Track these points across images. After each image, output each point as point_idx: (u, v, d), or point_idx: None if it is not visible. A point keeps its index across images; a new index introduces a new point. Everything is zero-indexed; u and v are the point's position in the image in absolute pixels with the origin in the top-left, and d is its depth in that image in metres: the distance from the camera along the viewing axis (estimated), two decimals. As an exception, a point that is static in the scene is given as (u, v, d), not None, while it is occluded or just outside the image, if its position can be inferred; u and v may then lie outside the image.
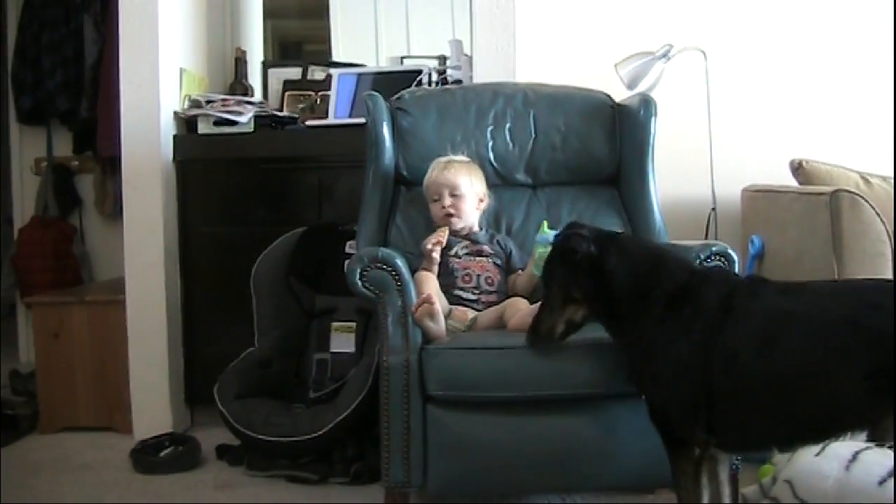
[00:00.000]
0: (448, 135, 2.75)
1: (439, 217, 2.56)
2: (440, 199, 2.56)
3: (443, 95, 2.84)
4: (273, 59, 3.91)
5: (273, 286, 3.00)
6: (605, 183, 2.80)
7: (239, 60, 3.71)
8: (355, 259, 2.30)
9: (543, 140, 2.78)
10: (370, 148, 2.67)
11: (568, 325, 2.08)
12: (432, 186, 2.58)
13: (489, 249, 2.55)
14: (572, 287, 2.05)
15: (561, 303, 2.07)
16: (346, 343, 2.93)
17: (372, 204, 2.66)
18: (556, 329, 2.08)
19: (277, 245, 3.04)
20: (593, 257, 2.04)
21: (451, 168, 2.59)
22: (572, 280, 2.05)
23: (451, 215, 2.54)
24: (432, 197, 2.57)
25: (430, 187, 2.58)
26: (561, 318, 2.08)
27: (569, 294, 2.06)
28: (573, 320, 2.08)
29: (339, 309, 2.97)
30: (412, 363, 2.22)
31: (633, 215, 2.73)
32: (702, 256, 2.32)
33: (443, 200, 2.56)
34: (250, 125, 3.23)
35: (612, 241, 2.08)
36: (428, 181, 2.59)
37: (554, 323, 2.08)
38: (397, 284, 2.27)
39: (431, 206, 2.59)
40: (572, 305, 2.07)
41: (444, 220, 2.55)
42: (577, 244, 2.05)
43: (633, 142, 2.73)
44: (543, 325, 2.09)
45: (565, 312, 2.07)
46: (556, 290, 2.07)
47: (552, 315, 2.08)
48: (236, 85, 3.66)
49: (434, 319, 2.26)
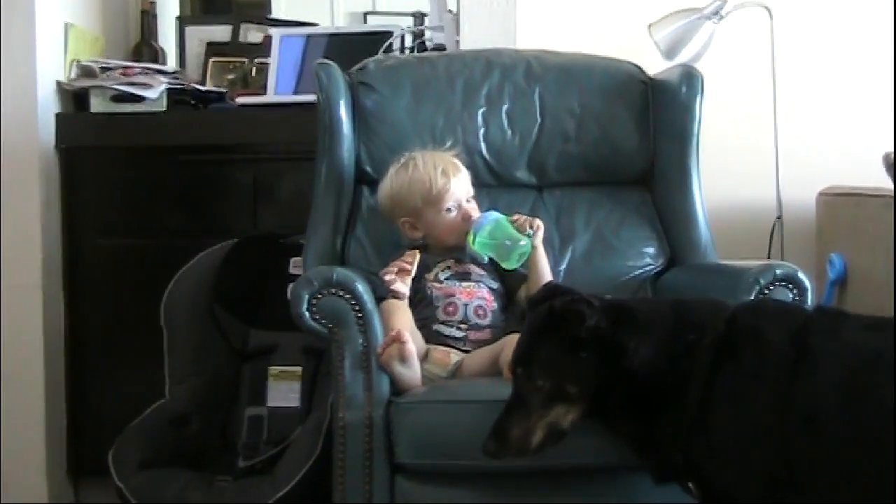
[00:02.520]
0: (426, 119, 2.79)
1: (455, 227, 2.58)
2: (457, 210, 2.59)
3: (420, 66, 2.88)
4: (192, 13, 3.96)
5: (191, 318, 3.02)
6: (633, 183, 2.85)
7: (146, 15, 3.73)
8: (302, 282, 2.34)
9: (552, 126, 2.83)
10: (323, 135, 2.71)
11: (549, 433, 2.01)
12: (446, 196, 2.57)
13: (479, 270, 2.59)
14: (568, 378, 2.01)
15: (545, 400, 2.00)
16: (288, 394, 2.94)
17: (325, 210, 2.70)
18: (531, 438, 2.01)
19: (198, 263, 3.05)
20: (603, 336, 2.00)
21: (461, 170, 2.62)
22: (569, 368, 2.01)
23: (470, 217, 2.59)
24: (445, 207, 2.59)
25: (441, 195, 2.58)
26: (541, 421, 2.01)
27: (561, 389, 2.00)
28: (558, 426, 2.01)
29: (279, 348, 2.98)
30: (377, 421, 2.24)
31: (670, 226, 2.78)
32: (762, 282, 2.35)
33: (462, 208, 2.59)
34: (161, 102, 3.26)
35: (625, 312, 2.06)
36: (439, 188, 2.57)
37: (530, 429, 2.01)
38: (358, 317, 2.31)
39: (438, 217, 2.58)
40: (561, 406, 2.01)
41: (464, 227, 2.56)
42: (583, 313, 1.99)
43: (672, 129, 2.79)
44: (514, 432, 2.01)
45: (549, 415, 2.01)
46: (542, 382, 2.01)
47: (530, 417, 2.01)
48: (143, 47, 3.70)
49: (406, 363, 2.29)
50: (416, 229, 2.61)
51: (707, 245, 2.76)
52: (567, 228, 2.76)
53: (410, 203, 2.59)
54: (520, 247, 2.50)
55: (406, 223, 2.62)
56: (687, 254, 2.78)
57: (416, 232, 2.61)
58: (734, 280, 2.40)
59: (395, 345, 2.28)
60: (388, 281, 2.46)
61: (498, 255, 2.51)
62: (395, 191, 2.62)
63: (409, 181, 2.60)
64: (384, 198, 2.66)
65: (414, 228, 2.61)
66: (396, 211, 2.63)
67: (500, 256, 2.51)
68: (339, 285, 2.32)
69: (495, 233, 2.51)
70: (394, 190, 2.62)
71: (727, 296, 2.21)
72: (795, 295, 2.36)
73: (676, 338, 2.02)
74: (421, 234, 2.61)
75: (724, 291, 2.30)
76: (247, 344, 3.04)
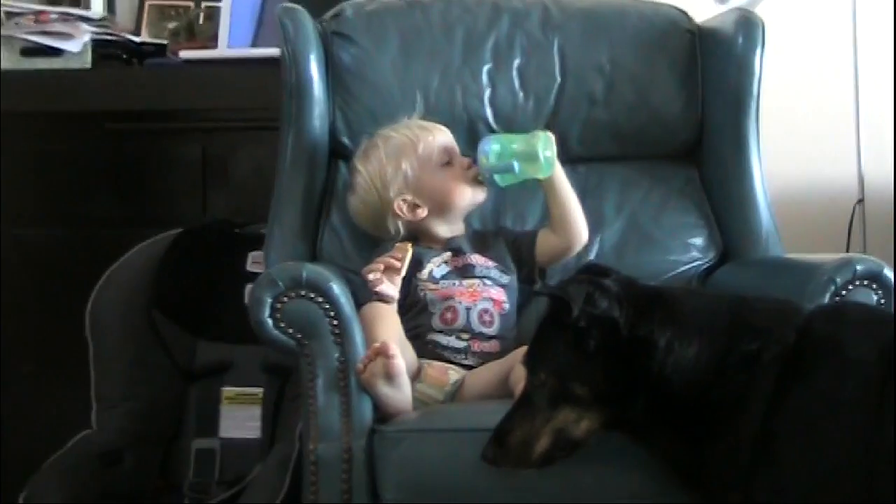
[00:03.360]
0: (417, 78, 2.79)
1: (462, 178, 2.63)
2: (455, 161, 2.65)
3: (410, 13, 2.87)
4: (124, -56, 3.96)
5: (124, 327, 3.01)
6: (677, 158, 2.86)
7: (66, -54, 3.74)
8: (264, 282, 2.32)
9: (576, 87, 2.83)
10: (289, 99, 2.71)
11: (557, 441, 2.03)
12: (435, 146, 2.64)
13: (484, 262, 2.61)
14: (572, 376, 2.02)
15: (550, 400, 2.03)
16: (245, 422, 2.94)
17: (291, 192, 2.70)
18: (535, 444, 2.03)
19: (132, 259, 3.05)
20: (617, 328, 1.99)
21: (439, 126, 2.68)
22: (573, 364, 2.02)
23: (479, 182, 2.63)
24: (439, 160, 2.64)
25: (430, 148, 2.63)
26: (547, 426, 2.03)
27: (566, 388, 2.02)
28: (568, 434, 2.03)
29: (235, 365, 2.99)
30: (357, 455, 2.23)
31: (723, 211, 2.79)
32: (838, 282, 2.34)
33: (460, 159, 2.65)
34: (85, 57, 3.25)
35: (659, 302, 2.05)
36: (426, 142, 2.63)
37: (533, 434, 2.03)
38: (333, 325, 2.30)
39: (436, 176, 2.62)
40: (568, 409, 2.02)
41: (472, 177, 2.61)
42: (568, 300, 1.98)
43: (726, 89, 2.79)
44: (515, 436, 2.05)
45: (555, 418, 2.03)
46: (545, 377, 2.04)
47: (533, 420, 2.04)
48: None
49: (394, 383, 2.27)
50: (417, 206, 2.63)
51: (769, 235, 2.76)
52: (594, 215, 2.74)
53: (398, 177, 2.62)
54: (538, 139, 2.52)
55: (404, 203, 2.62)
56: (744, 246, 2.78)
57: (420, 210, 2.63)
58: (804, 279, 2.39)
59: (380, 360, 2.26)
60: (372, 282, 2.45)
61: (524, 168, 2.52)
62: (374, 173, 2.64)
63: (386, 155, 2.63)
64: (365, 193, 2.65)
65: (415, 206, 2.63)
66: (386, 197, 2.63)
67: (527, 167, 2.52)
68: (310, 286, 2.31)
69: (504, 150, 2.53)
70: (371, 174, 2.64)
71: (794, 297, 2.18)
72: (881, 297, 2.35)
73: (730, 345, 2.00)
74: (426, 209, 2.62)
75: (791, 293, 2.26)
76: (194, 360, 3.04)
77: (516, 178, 2.56)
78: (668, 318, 2.01)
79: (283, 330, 2.31)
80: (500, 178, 2.57)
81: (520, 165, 2.52)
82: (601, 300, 1.99)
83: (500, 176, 2.56)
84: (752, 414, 1.96)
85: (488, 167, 2.55)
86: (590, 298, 1.98)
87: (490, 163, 2.54)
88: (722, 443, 1.99)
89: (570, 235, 2.63)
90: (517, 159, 2.52)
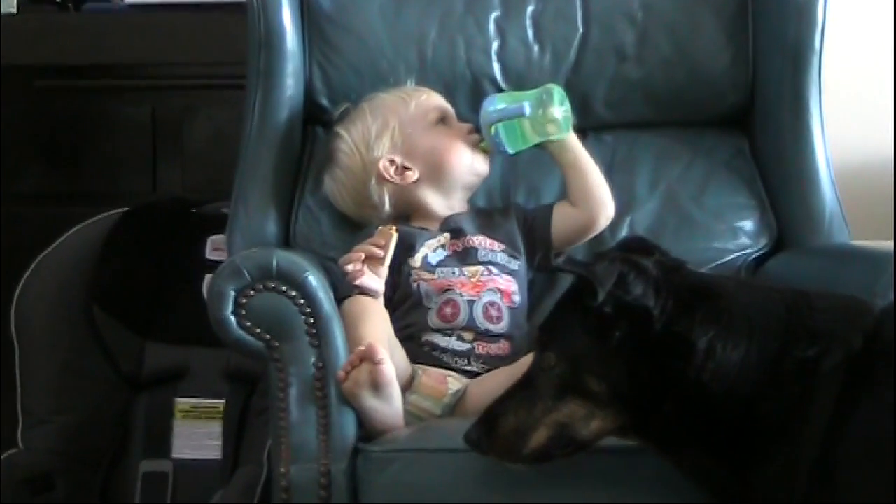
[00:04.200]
0: (411, 28, 2.83)
1: (460, 139, 2.70)
2: (451, 123, 2.72)
3: (402, -50, 2.90)
4: None
5: (57, 326, 3.04)
6: (723, 125, 2.89)
7: None
8: (226, 272, 2.34)
9: (601, 39, 2.86)
10: (256, 52, 2.73)
11: (557, 437, 2.03)
12: (429, 104, 2.72)
13: (489, 245, 2.64)
14: (588, 367, 2.03)
15: (557, 389, 2.03)
16: (203, 440, 2.97)
17: (259, 164, 2.73)
18: (530, 436, 2.03)
19: (67, 244, 3.08)
20: (650, 318, 1.98)
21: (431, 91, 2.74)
22: (591, 353, 2.03)
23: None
24: (432, 117, 2.72)
25: (423, 105, 2.71)
26: (546, 418, 2.03)
27: (578, 380, 2.02)
28: (571, 431, 2.03)
29: (190, 372, 3.02)
30: (337, 479, 2.24)
31: (778, 189, 2.82)
32: (912, 273, 2.37)
33: (456, 123, 2.72)
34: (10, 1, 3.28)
35: (705, 294, 2.04)
36: (418, 100, 2.72)
37: (530, 424, 2.03)
38: (309, 323, 2.32)
39: (429, 134, 2.70)
40: (578, 403, 2.02)
41: (471, 141, 2.68)
42: (594, 284, 1.96)
43: (783, 43, 2.81)
44: (507, 422, 2.05)
45: (559, 410, 2.03)
46: (555, 361, 2.05)
47: (532, 408, 2.04)
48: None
49: (381, 393, 2.28)
50: (407, 168, 2.68)
51: (833, 218, 2.78)
52: (623, 192, 2.77)
53: (385, 137, 2.69)
54: (552, 93, 2.58)
55: (391, 165, 2.68)
56: (803, 231, 2.81)
57: (409, 172, 2.68)
58: (874, 271, 2.41)
59: (365, 366, 2.27)
60: (350, 274, 2.48)
61: (537, 127, 2.57)
62: (358, 135, 2.70)
63: (372, 114, 2.71)
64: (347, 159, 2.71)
65: (404, 169, 2.68)
66: (370, 159, 2.68)
67: (541, 126, 2.57)
68: (282, 277, 2.33)
69: (508, 108, 2.58)
70: (355, 138, 2.70)
71: (862, 293, 2.17)
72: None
73: (784, 350, 2.00)
74: (417, 172, 2.68)
75: (859, 288, 2.26)
76: (141, 365, 3.07)
77: (527, 141, 2.59)
78: (712, 314, 2.00)
79: (248, 329, 2.32)
80: (510, 143, 2.59)
81: (532, 114, 2.56)
82: (635, 285, 1.98)
83: (509, 140, 2.59)
84: (809, 434, 1.96)
85: (495, 116, 2.58)
86: (622, 281, 1.97)
87: (496, 113, 2.58)
88: (772, 467, 2.00)
89: (593, 205, 2.65)
90: (530, 108, 2.57)
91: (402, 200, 2.69)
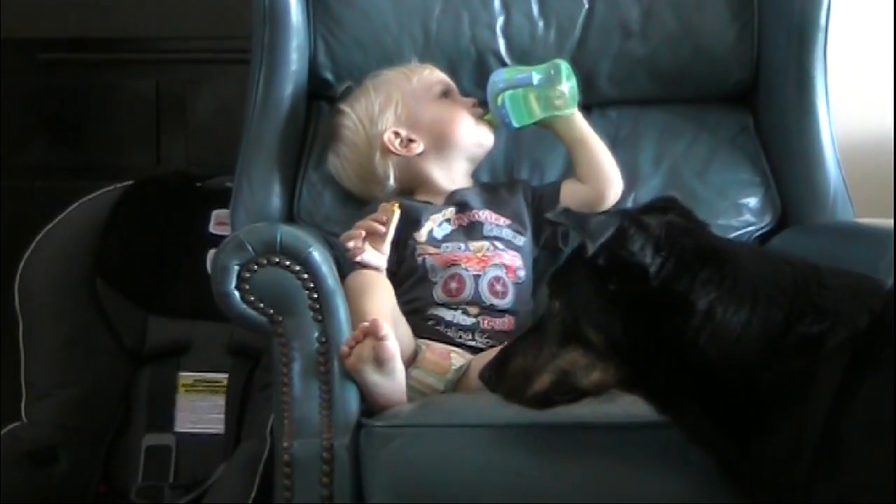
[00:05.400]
0: (415, 5, 2.83)
1: (464, 110, 2.72)
2: (456, 97, 2.73)
3: (407, -78, 2.89)
4: None
5: (60, 300, 3.03)
6: (728, 102, 2.89)
7: None
8: (230, 246, 2.33)
9: (606, 14, 2.86)
10: (261, 26, 2.73)
11: (559, 383, 2.07)
12: (432, 78, 2.74)
13: (495, 220, 2.65)
14: (587, 318, 2.04)
15: (560, 336, 2.07)
16: (206, 414, 2.98)
17: (263, 139, 2.73)
18: (534, 379, 2.07)
19: (71, 218, 3.07)
20: (646, 274, 1.98)
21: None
22: (590, 303, 2.07)
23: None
24: (436, 90, 2.74)
25: (426, 79, 2.74)
26: (550, 363, 2.07)
27: (578, 329, 2.05)
28: (572, 379, 2.06)
29: (194, 346, 3.02)
30: (339, 454, 2.25)
31: (782, 166, 2.81)
32: (920, 253, 2.36)
33: (459, 98, 2.73)
34: (9, -31, 3.26)
35: (710, 257, 2.03)
36: (421, 75, 2.74)
37: (535, 367, 2.07)
38: (312, 298, 2.32)
39: (433, 106, 2.71)
40: (579, 352, 2.05)
41: (475, 120, 2.69)
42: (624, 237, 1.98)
43: (788, 19, 2.80)
44: (516, 363, 2.10)
45: (561, 357, 2.06)
46: (559, 308, 2.09)
47: (538, 352, 2.08)
48: None
49: (384, 369, 2.29)
50: (412, 141, 2.69)
51: (837, 195, 2.78)
52: (627, 168, 2.76)
53: (389, 111, 2.69)
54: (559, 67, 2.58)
55: (396, 137, 2.68)
56: (807, 208, 2.81)
57: (414, 144, 2.69)
58: (878, 249, 2.41)
59: (369, 341, 2.27)
60: (351, 251, 2.48)
61: (544, 101, 2.57)
62: (362, 111, 2.71)
63: (375, 89, 2.72)
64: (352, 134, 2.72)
65: (409, 141, 2.69)
66: (374, 132, 2.69)
67: (548, 100, 2.57)
68: (286, 251, 2.33)
69: (515, 77, 2.59)
70: (359, 113, 2.71)
71: (865, 271, 2.14)
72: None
73: (788, 324, 1.99)
74: (421, 144, 2.69)
75: (863, 266, 2.24)
76: (144, 339, 3.07)
77: (533, 115, 2.59)
78: (715, 277, 2.00)
79: (252, 304, 2.32)
80: (515, 116, 2.59)
81: (540, 86, 2.56)
82: (633, 241, 1.98)
83: (514, 113, 2.58)
84: (812, 411, 1.96)
85: (502, 86, 2.58)
86: (621, 236, 1.97)
87: (503, 83, 2.58)
88: (774, 442, 2.00)
89: (602, 181, 2.66)
90: (538, 79, 2.57)
91: (406, 174, 2.69)
